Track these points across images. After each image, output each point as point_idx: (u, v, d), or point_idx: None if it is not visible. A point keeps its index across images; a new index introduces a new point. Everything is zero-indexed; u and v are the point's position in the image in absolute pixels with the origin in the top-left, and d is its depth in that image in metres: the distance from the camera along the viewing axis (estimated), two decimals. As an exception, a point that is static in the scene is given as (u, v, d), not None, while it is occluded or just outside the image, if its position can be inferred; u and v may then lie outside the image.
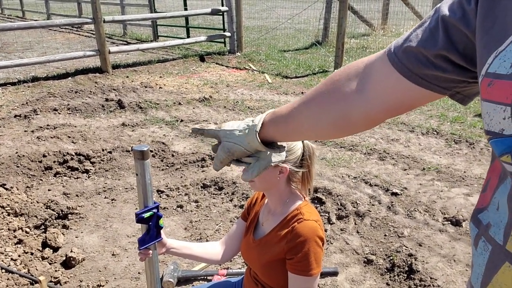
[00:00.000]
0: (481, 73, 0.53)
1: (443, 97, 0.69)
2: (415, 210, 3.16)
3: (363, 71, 0.75)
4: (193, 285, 2.53)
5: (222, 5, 9.23)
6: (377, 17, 12.01)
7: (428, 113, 5.34)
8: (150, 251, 1.43)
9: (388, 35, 10.90)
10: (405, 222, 3.03)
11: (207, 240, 2.91)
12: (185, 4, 10.34)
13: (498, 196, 0.54)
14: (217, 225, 3.12)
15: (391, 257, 2.65)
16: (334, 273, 2.56)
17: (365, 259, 2.69)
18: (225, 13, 9.31)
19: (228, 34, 9.23)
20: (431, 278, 2.44)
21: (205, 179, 3.74)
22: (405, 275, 2.51)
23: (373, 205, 3.26)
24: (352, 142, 4.45)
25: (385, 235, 2.90)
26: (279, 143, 1.02)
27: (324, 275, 2.54)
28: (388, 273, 2.56)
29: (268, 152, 1.02)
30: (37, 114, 5.22)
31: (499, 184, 0.54)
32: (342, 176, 3.71)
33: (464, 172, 3.76)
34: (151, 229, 1.41)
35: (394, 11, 11.94)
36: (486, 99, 0.51)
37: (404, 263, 2.58)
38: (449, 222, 3.01)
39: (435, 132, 4.68)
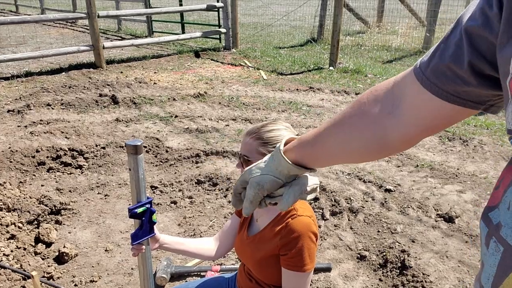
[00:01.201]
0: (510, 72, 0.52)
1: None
2: (408, 207, 3.18)
3: (392, 92, 0.73)
4: (186, 281, 2.53)
5: (218, 1, 9.19)
6: (373, 15, 12.02)
7: (422, 110, 5.35)
8: (143, 247, 1.42)
9: (383, 33, 10.92)
10: (398, 219, 3.04)
11: (201, 236, 2.91)
12: (180, 0, 10.29)
13: (510, 196, 0.53)
14: (211, 221, 3.12)
15: (384, 253, 2.66)
16: (327, 269, 2.57)
17: (358, 255, 2.70)
18: (220, 9, 9.28)
19: (223, 30, 9.21)
20: (423, 274, 2.46)
21: (199, 175, 3.74)
22: (398, 271, 2.52)
23: (366, 201, 3.27)
24: (347, 139, 4.45)
25: (378, 231, 2.92)
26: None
27: (317, 270, 2.55)
28: (381, 269, 2.58)
29: (299, 176, 0.94)
30: (30, 109, 5.18)
31: (508, 184, 0.53)
32: (336, 173, 3.71)
33: (458, 169, 3.78)
34: (144, 224, 1.40)
35: (389, 8, 11.95)
36: None
37: (397, 259, 2.59)
38: (442, 219, 3.03)
39: (429, 130, 4.69)
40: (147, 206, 1.40)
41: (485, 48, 0.57)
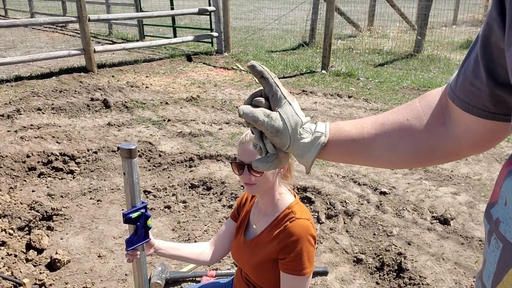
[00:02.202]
0: None
1: None
2: (404, 209, 3.17)
3: (441, 103, 0.72)
4: (181, 287, 2.49)
5: (209, 5, 9.18)
6: (364, 19, 12.10)
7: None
8: (138, 252, 1.39)
9: (375, 36, 10.98)
10: (394, 221, 3.04)
11: (195, 241, 2.87)
12: (171, 4, 10.27)
13: (505, 191, 0.52)
14: (205, 225, 3.08)
15: (381, 256, 2.65)
16: (324, 273, 2.55)
17: (355, 258, 2.68)
18: (212, 13, 9.27)
19: (215, 34, 9.19)
20: (420, 276, 2.45)
21: (193, 179, 3.70)
22: (395, 274, 2.51)
23: (362, 204, 3.26)
24: (340, 142, 4.45)
25: (374, 234, 2.90)
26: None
27: (314, 274, 2.53)
28: (378, 272, 2.56)
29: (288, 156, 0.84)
30: (20, 114, 5.11)
31: (506, 177, 0.53)
32: (331, 176, 3.70)
33: (451, 171, 3.79)
34: (139, 229, 1.37)
35: (380, 12, 12.04)
36: None
37: (393, 262, 2.58)
38: (437, 221, 3.03)
39: (422, 132, 4.70)
40: (142, 211, 1.37)
41: (498, 56, 0.58)
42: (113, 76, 7.20)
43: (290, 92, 4.55)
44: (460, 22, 13.02)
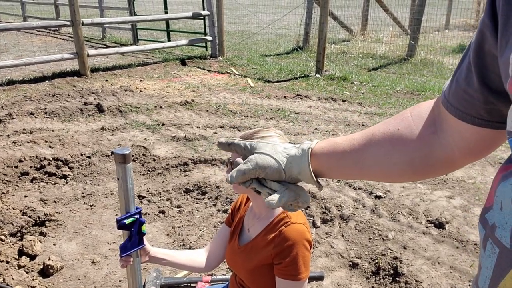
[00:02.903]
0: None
1: None
2: (399, 213, 3.17)
3: (433, 112, 0.72)
4: (176, 293, 2.47)
5: (203, 9, 9.18)
6: (357, 23, 12.17)
7: (409, 117, 5.39)
8: (131, 259, 1.37)
9: (368, 41, 11.05)
10: (389, 225, 3.03)
11: (190, 246, 2.85)
12: (165, 8, 10.26)
13: (500, 195, 0.52)
14: (200, 230, 3.06)
15: (376, 260, 2.64)
16: (320, 278, 2.53)
17: (351, 263, 2.67)
18: (206, 17, 9.27)
19: (209, 38, 9.19)
20: (416, 281, 2.44)
21: (187, 183, 3.68)
22: (391, 278, 2.50)
23: (357, 208, 3.26)
24: (335, 146, 4.45)
25: (370, 238, 2.90)
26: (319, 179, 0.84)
27: (309, 279, 2.51)
28: (374, 276, 2.55)
29: (297, 183, 0.83)
30: (12, 118, 5.06)
31: (500, 182, 0.53)
32: (326, 180, 3.70)
33: (446, 175, 3.80)
34: (133, 235, 1.36)
35: (373, 17, 12.12)
36: None
37: (389, 266, 2.57)
38: (433, 225, 3.03)
39: (416, 136, 4.72)
40: (136, 216, 1.35)
41: (491, 63, 0.58)
42: (106, 80, 7.16)
43: (284, 97, 4.55)
44: (452, 26, 13.14)
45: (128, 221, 1.32)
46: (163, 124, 5.09)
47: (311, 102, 6.08)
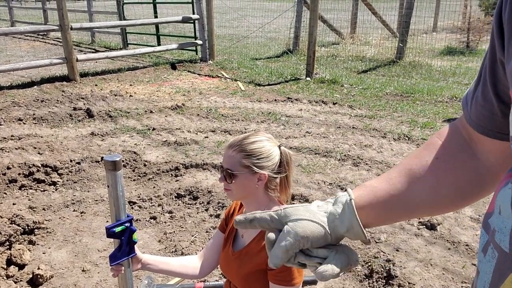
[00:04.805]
0: None
1: None
2: (391, 215, 3.18)
3: (462, 134, 0.70)
4: (168, 300, 2.44)
5: (193, 13, 9.17)
6: (346, 26, 12.24)
7: (399, 119, 5.43)
8: (122, 267, 1.35)
9: (357, 44, 11.11)
10: (382, 228, 3.04)
11: (182, 252, 2.83)
12: (155, 12, 10.23)
13: (500, 200, 0.52)
14: (192, 236, 3.04)
15: (369, 263, 2.64)
16: (313, 282, 2.52)
17: (344, 266, 2.67)
18: (196, 21, 9.26)
19: (199, 42, 9.18)
20: (409, 283, 2.44)
21: (179, 188, 3.65)
22: (384, 281, 2.50)
23: (349, 211, 3.25)
24: (326, 149, 4.46)
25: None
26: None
27: (303, 284, 2.50)
28: (367, 279, 2.55)
29: (340, 243, 0.75)
30: (0, 125, 4.99)
31: (501, 187, 0.53)
32: (318, 183, 3.70)
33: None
34: (123, 244, 1.33)
35: (362, 20, 12.19)
36: None
37: (382, 269, 2.58)
38: (424, 226, 3.04)
39: (406, 138, 4.75)
40: (126, 224, 1.33)
41: (502, 75, 0.57)
42: (96, 85, 7.11)
43: (275, 100, 4.53)
44: (440, 29, 13.29)
45: (118, 229, 1.30)
46: (153, 129, 5.06)
47: (301, 105, 6.09)
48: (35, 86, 6.91)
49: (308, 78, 7.63)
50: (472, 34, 10.37)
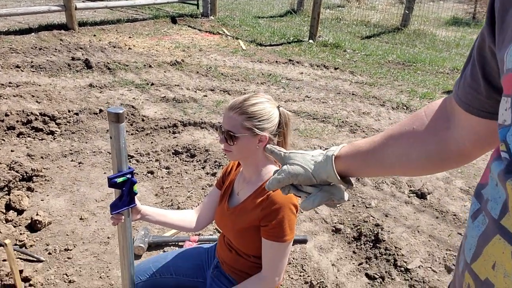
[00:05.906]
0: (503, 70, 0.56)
1: None
2: (383, 182, 3.25)
3: (445, 109, 0.77)
4: (164, 251, 2.53)
5: (197, -34, 8.87)
6: (353, -12, 11.92)
7: (399, 88, 5.42)
8: (122, 217, 1.40)
9: (363, 8, 10.87)
10: (373, 194, 3.11)
11: (178, 207, 2.90)
12: (157, -38, 9.86)
13: (494, 171, 0.55)
14: (188, 192, 3.10)
15: (359, 227, 2.73)
16: (304, 241, 2.62)
17: (333, 228, 2.76)
18: (199, -26, 8.98)
19: (202, -4, 8.94)
20: (395, 247, 2.54)
21: (176, 145, 3.69)
22: (371, 244, 2.59)
23: (343, 176, 3.31)
24: (325, 114, 4.47)
25: (353, 206, 2.98)
26: (350, 179, 0.94)
27: (294, 242, 2.59)
28: (355, 241, 2.65)
29: (331, 185, 0.93)
30: (-3, 71, 4.94)
31: (494, 161, 0.56)
32: (314, 148, 3.74)
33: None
34: (124, 194, 1.37)
35: (370, -17, 11.88)
36: (504, 94, 0.55)
37: (370, 233, 2.66)
38: (415, 195, 3.12)
39: (405, 107, 4.77)
40: (127, 176, 1.36)
41: (491, 60, 0.62)
42: (94, 35, 6.97)
43: (276, 61, 4.50)
44: (448, -3, 12.99)
45: (119, 180, 1.33)
46: (152, 84, 5.02)
47: (303, 68, 6.04)
48: (33, 33, 6.77)
49: (311, 41, 7.52)
50: (479, 5, 10.16)
